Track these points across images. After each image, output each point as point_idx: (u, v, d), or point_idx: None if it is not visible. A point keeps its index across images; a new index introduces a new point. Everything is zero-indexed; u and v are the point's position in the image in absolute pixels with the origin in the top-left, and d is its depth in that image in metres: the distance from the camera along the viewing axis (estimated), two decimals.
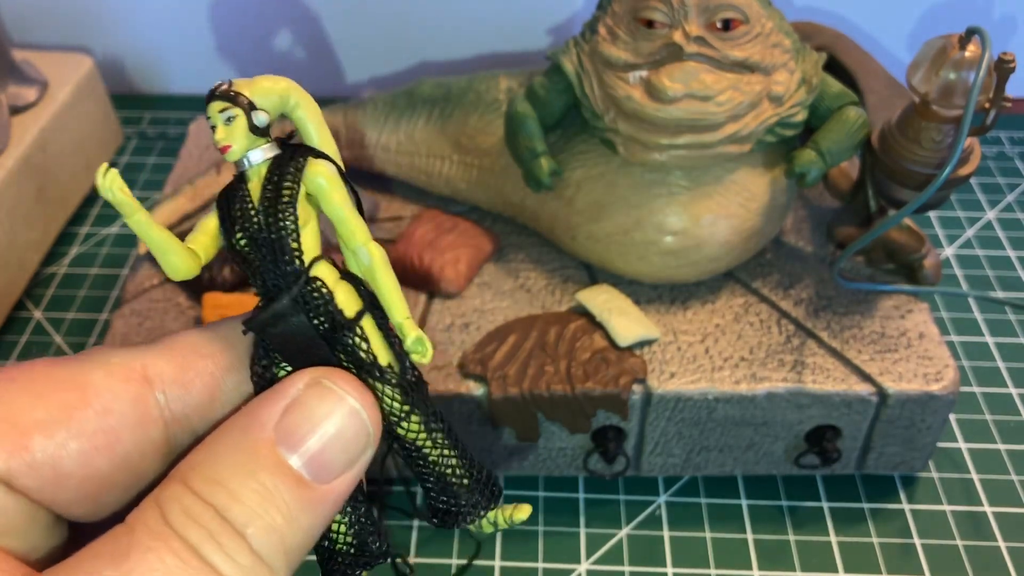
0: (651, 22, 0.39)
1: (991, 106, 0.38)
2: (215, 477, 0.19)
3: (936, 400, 0.40)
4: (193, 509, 0.18)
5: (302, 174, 0.21)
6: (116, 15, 0.67)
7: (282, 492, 0.19)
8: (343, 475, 0.20)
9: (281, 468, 0.19)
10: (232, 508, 0.19)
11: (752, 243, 0.43)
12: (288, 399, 0.20)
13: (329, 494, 0.20)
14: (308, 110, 0.22)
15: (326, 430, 0.20)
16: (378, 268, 0.22)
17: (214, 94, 0.21)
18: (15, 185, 0.52)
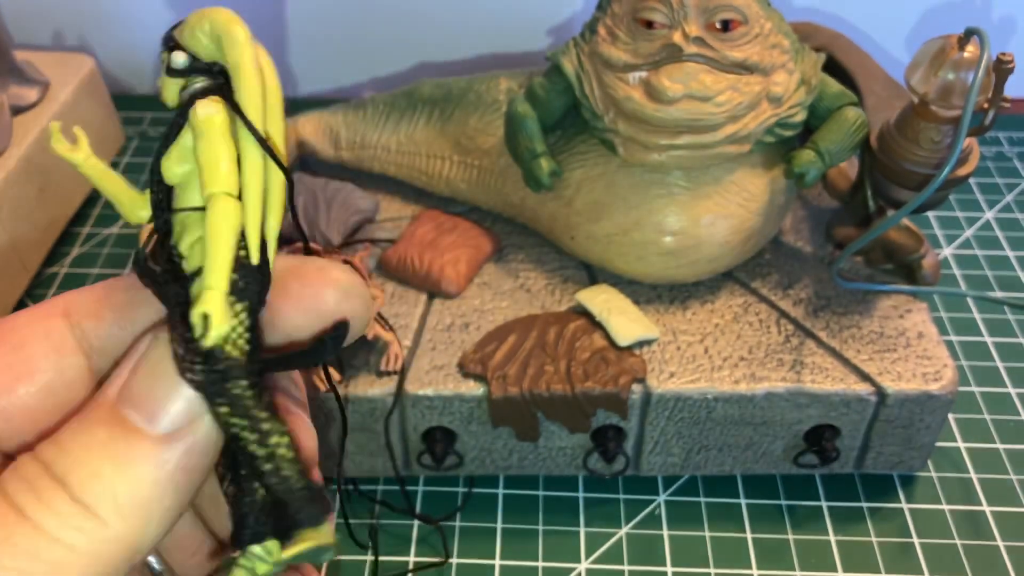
0: (650, 23, 0.39)
1: (990, 106, 0.38)
2: (54, 438, 0.19)
3: (935, 400, 0.40)
4: (22, 468, 0.18)
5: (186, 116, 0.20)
6: (117, 16, 0.67)
7: (115, 443, 0.18)
8: (186, 428, 0.19)
9: (117, 422, 0.18)
10: (57, 459, 0.18)
11: (751, 243, 0.43)
12: (134, 360, 0.19)
13: (172, 448, 0.18)
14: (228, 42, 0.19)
15: (162, 384, 0.19)
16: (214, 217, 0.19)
17: None
18: (16, 185, 0.52)
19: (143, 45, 0.68)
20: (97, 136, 0.60)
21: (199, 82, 0.20)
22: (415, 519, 0.43)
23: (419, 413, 0.41)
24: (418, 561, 0.42)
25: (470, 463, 0.43)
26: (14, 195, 0.52)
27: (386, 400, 0.40)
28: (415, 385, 0.40)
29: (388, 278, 0.46)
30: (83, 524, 0.18)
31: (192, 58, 0.20)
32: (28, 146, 0.53)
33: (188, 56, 0.20)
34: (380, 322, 0.42)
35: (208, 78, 0.20)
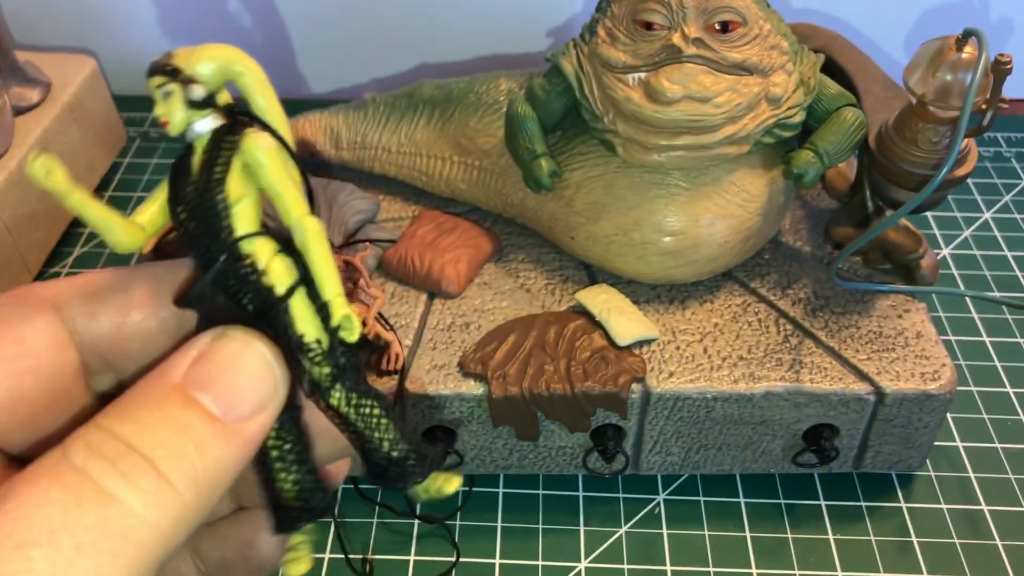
0: (650, 24, 0.39)
1: (988, 107, 0.38)
2: (124, 413, 0.19)
3: (933, 399, 0.40)
4: (96, 442, 0.18)
5: (237, 147, 0.21)
6: (119, 16, 0.67)
7: (194, 423, 0.19)
8: (255, 416, 0.20)
9: (192, 404, 0.19)
10: (140, 436, 0.18)
11: (750, 243, 0.43)
12: (196, 351, 0.20)
13: (242, 431, 0.20)
14: (253, 78, 0.21)
15: (233, 371, 0.20)
16: (310, 243, 0.21)
17: (151, 68, 0.20)
18: (18, 186, 0.52)
19: (144, 45, 0.68)
20: (98, 136, 0.60)
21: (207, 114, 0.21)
22: (416, 519, 0.43)
23: (419, 413, 0.41)
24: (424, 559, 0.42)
25: (470, 462, 0.43)
26: (17, 195, 0.52)
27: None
28: (415, 385, 0.40)
29: (388, 278, 0.46)
30: (165, 500, 0.18)
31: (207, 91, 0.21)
32: (30, 147, 0.53)
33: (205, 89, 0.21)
34: (380, 322, 0.42)
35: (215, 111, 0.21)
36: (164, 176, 0.22)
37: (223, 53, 0.21)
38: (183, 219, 0.21)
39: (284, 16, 0.66)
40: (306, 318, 0.21)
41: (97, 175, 0.60)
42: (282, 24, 0.66)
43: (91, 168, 0.60)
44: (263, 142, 0.21)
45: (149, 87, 0.20)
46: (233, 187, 0.21)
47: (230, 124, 0.21)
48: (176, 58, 0.21)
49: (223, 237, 0.21)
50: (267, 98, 0.22)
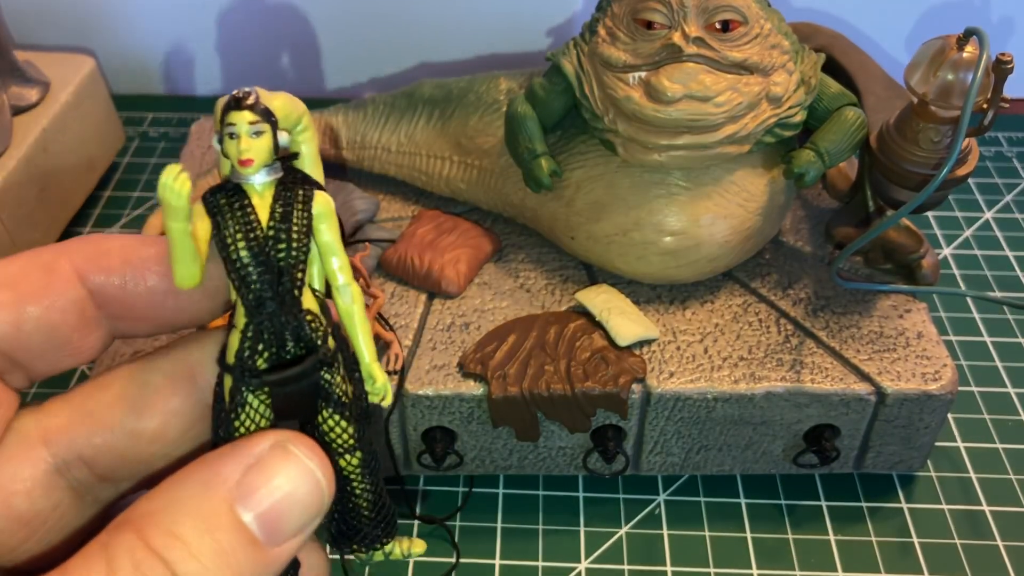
0: (650, 23, 0.39)
1: (989, 107, 0.38)
2: (172, 530, 0.19)
3: (934, 399, 0.40)
4: (144, 563, 0.18)
5: (311, 202, 0.21)
6: (118, 16, 0.67)
7: (237, 552, 0.19)
8: (293, 539, 0.20)
9: (239, 528, 0.19)
10: (186, 563, 0.18)
11: (751, 243, 0.43)
12: (252, 458, 0.20)
13: (279, 557, 0.20)
14: (312, 137, 0.22)
15: (286, 495, 0.20)
16: (358, 309, 0.22)
17: (243, 103, 0.20)
18: (17, 186, 0.52)
19: (144, 45, 0.68)
20: (97, 136, 0.60)
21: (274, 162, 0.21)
22: (416, 519, 0.43)
23: (419, 413, 0.41)
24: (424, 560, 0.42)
25: (470, 463, 0.43)
26: (15, 195, 0.52)
27: None
28: (415, 385, 0.40)
29: (388, 278, 0.46)
30: None
31: None
32: (29, 146, 0.53)
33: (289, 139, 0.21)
34: (380, 322, 0.42)
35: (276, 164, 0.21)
36: None
37: (299, 107, 0.21)
38: (241, 256, 0.21)
39: (283, 16, 0.66)
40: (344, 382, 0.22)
41: (96, 175, 0.60)
42: (281, 24, 0.66)
43: (90, 168, 0.59)
44: (327, 201, 0.21)
45: (236, 120, 0.20)
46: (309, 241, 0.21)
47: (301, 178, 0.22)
48: (265, 100, 0.21)
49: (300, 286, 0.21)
50: (318, 158, 0.22)
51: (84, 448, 0.22)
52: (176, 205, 0.19)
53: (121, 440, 0.22)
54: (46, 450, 0.22)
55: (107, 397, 0.22)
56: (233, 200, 0.21)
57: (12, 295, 0.21)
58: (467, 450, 0.43)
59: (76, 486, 0.22)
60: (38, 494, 0.22)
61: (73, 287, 0.22)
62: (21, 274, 0.22)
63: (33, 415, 0.22)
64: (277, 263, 0.21)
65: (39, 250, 0.22)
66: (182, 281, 0.21)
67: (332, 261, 0.22)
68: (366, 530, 0.24)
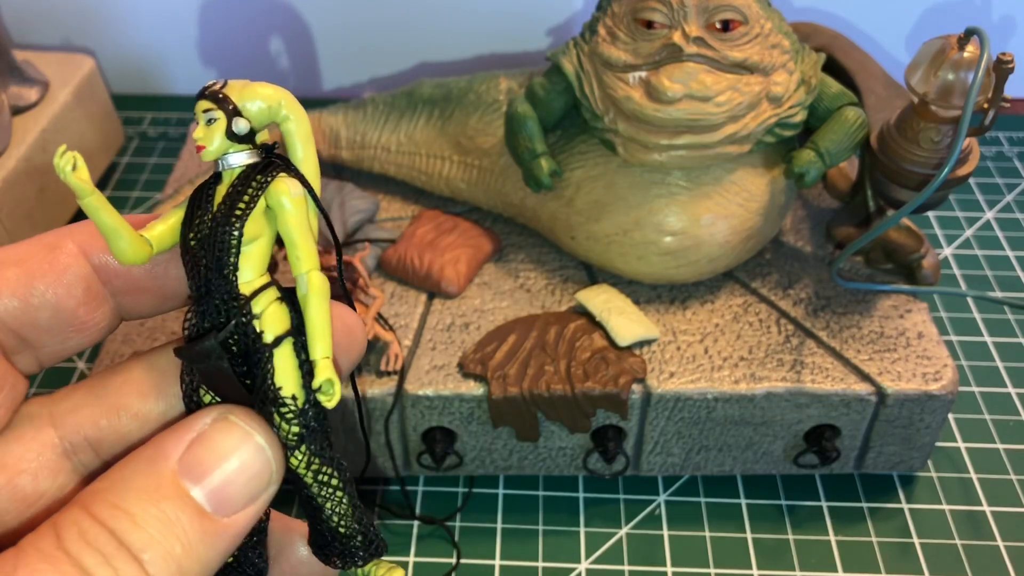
0: (650, 23, 0.39)
1: (990, 106, 0.38)
2: (117, 502, 0.19)
3: (935, 400, 0.40)
4: (90, 532, 0.18)
5: (265, 188, 0.21)
6: (117, 16, 0.67)
7: (183, 522, 0.19)
8: (244, 509, 0.20)
9: (184, 499, 0.19)
10: (131, 532, 0.19)
11: (751, 243, 0.43)
12: (194, 433, 0.20)
13: (230, 527, 0.20)
14: (297, 124, 0.22)
15: (230, 465, 0.20)
16: (312, 299, 0.21)
17: (204, 92, 0.21)
18: (16, 185, 0.52)
19: (143, 45, 0.68)
20: (97, 136, 0.60)
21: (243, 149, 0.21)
22: (416, 520, 0.43)
23: (419, 413, 0.41)
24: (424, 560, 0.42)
25: (470, 463, 0.43)
26: (14, 195, 0.52)
27: (386, 400, 0.40)
28: (415, 385, 0.40)
29: (388, 278, 0.46)
30: None
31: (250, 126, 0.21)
32: (28, 146, 0.53)
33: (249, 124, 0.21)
34: (380, 322, 0.42)
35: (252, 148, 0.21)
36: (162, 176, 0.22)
37: (276, 95, 0.21)
38: (192, 245, 0.21)
39: (283, 16, 0.66)
40: (287, 371, 0.21)
41: (95, 175, 0.60)
42: (281, 24, 0.66)
43: (89, 167, 0.59)
44: (292, 188, 0.21)
45: (196, 109, 0.21)
46: (251, 226, 0.21)
47: (264, 164, 0.21)
48: (229, 88, 0.21)
49: (226, 273, 0.21)
50: (306, 148, 0.22)
51: (91, 430, 0.22)
52: (73, 184, 0.20)
53: (127, 423, 0.23)
54: (54, 431, 0.22)
55: (116, 382, 0.23)
56: (204, 188, 0.21)
57: (19, 271, 0.22)
58: (467, 450, 0.43)
59: (80, 469, 0.23)
60: (44, 475, 0.22)
61: (78, 263, 0.22)
62: (28, 253, 0.22)
63: (43, 399, 0.23)
64: (215, 248, 0.21)
65: (44, 234, 0.23)
66: (119, 256, 0.21)
67: (290, 251, 0.21)
68: (339, 545, 0.23)
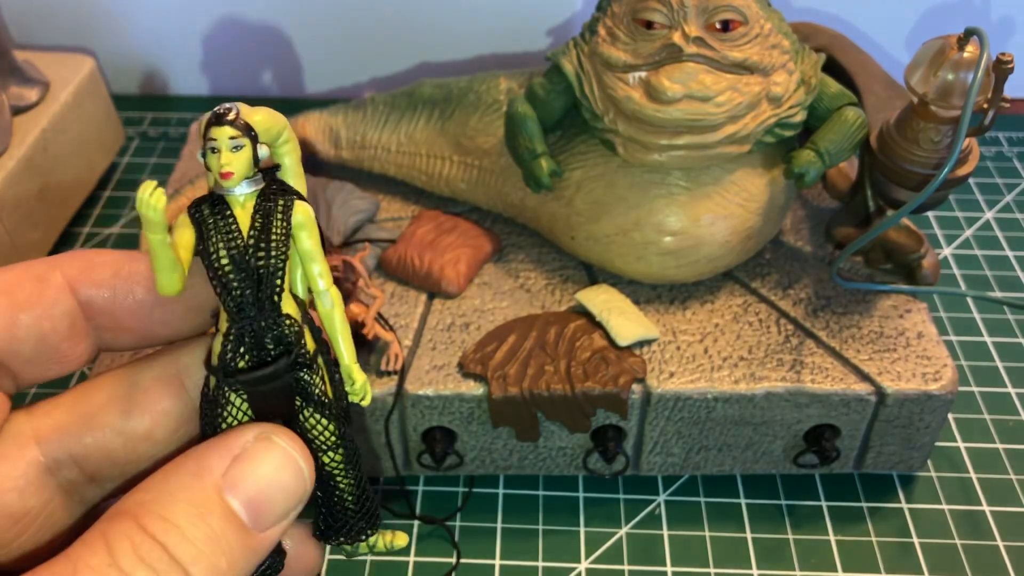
0: (650, 23, 0.39)
1: (989, 106, 0.38)
2: (167, 516, 0.20)
3: (934, 399, 0.40)
4: (143, 547, 0.19)
5: (290, 211, 0.22)
6: (118, 16, 0.67)
7: (228, 537, 0.20)
8: (279, 524, 0.21)
9: (228, 514, 0.20)
10: (181, 547, 0.19)
11: (751, 243, 0.43)
12: (238, 449, 0.21)
13: (265, 541, 0.21)
14: (293, 149, 0.23)
15: (271, 482, 0.21)
16: (339, 313, 0.23)
17: (223, 119, 0.21)
18: (17, 185, 0.52)
19: (144, 45, 0.68)
20: (97, 136, 0.60)
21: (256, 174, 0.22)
22: (415, 519, 0.43)
23: (419, 413, 0.41)
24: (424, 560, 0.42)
25: (470, 463, 0.43)
26: (14, 195, 0.52)
27: (386, 400, 0.40)
28: (415, 385, 0.40)
29: (388, 278, 0.46)
30: None
31: None
32: (28, 146, 0.53)
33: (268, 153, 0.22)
34: (380, 322, 0.42)
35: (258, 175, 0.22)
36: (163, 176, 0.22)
37: (279, 122, 0.22)
38: (223, 265, 0.22)
39: (283, 16, 0.66)
40: (327, 380, 0.23)
41: (95, 175, 0.60)
42: (281, 24, 0.66)
43: (89, 168, 0.59)
44: (307, 210, 0.22)
45: (217, 135, 0.21)
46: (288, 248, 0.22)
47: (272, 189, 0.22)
48: (245, 115, 0.21)
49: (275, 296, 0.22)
50: (299, 169, 0.23)
51: (75, 447, 0.23)
52: (153, 219, 0.21)
53: (111, 440, 0.23)
54: (38, 449, 0.23)
55: (99, 398, 0.23)
56: (216, 211, 0.22)
57: (6, 302, 0.22)
58: (467, 450, 0.43)
59: (66, 485, 0.23)
60: (30, 492, 0.22)
61: (65, 298, 0.23)
62: (16, 283, 0.22)
63: (26, 415, 0.23)
64: (257, 270, 0.22)
65: (33, 262, 0.23)
66: (163, 288, 0.22)
67: (312, 268, 0.23)
68: (351, 523, 0.25)
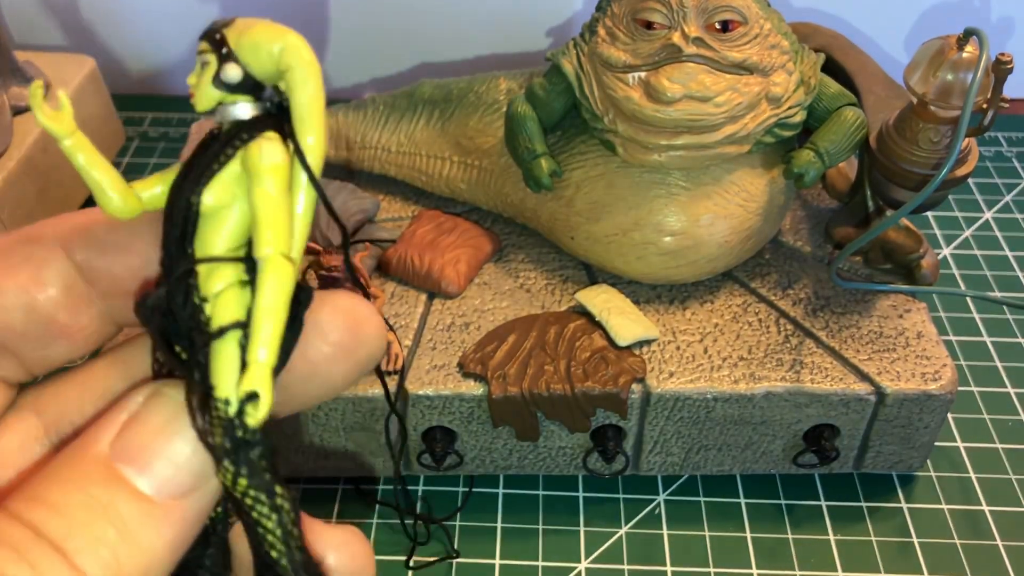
0: (650, 23, 0.39)
1: (989, 107, 0.38)
2: (37, 495, 0.17)
3: (934, 399, 0.40)
4: (3, 528, 0.16)
5: (240, 148, 0.18)
6: (118, 16, 0.67)
7: (117, 504, 0.17)
8: (193, 492, 0.18)
9: (116, 481, 0.17)
10: (50, 522, 0.16)
11: (751, 243, 0.43)
12: (127, 413, 0.18)
13: (176, 510, 0.17)
14: (305, 74, 0.18)
15: (168, 442, 0.17)
16: (263, 284, 0.17)
17: (205, 30, 0.18)
18: (17, 186, 0.52)
19: (144, 45, 0.68)
20: (97, 136, 0.60)
21: (242, 100, 0.18)
22: (415, 519, 0.43)
23: (419, 413, 0.41)
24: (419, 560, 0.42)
25: (470, 463, 0.43)
26: (14, 195, 0.52)
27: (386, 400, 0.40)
28: (415, 385, 0.40)
29: (388, 278, 0.46)
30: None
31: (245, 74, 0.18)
32: (28, 146, 0.53)
33: (243, 71, 0.18)
34: None
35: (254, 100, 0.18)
36: None
37: (277, 35, 0.18)
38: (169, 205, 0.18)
39: (282, 15, 0.66)
40: (227, 369, 0.17)
41: None
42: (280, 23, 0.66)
43: None
44: (271, 154, 0.18)
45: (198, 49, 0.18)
46: (217, 191, 0.18)
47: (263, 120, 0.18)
48: (232, 28, 0.18)
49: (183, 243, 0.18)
50: (310, 105, 0.18)
51: (77, 417, 0.20)
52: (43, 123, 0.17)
53: None
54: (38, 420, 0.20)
55: (100, 364, 0.21)
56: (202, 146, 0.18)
57: None
58: (467, 450, 0.43)
59: None
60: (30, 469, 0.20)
61: (56, 258, 0.20)
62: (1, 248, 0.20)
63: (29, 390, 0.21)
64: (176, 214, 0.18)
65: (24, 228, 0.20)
66: (104, 206, 0.18)
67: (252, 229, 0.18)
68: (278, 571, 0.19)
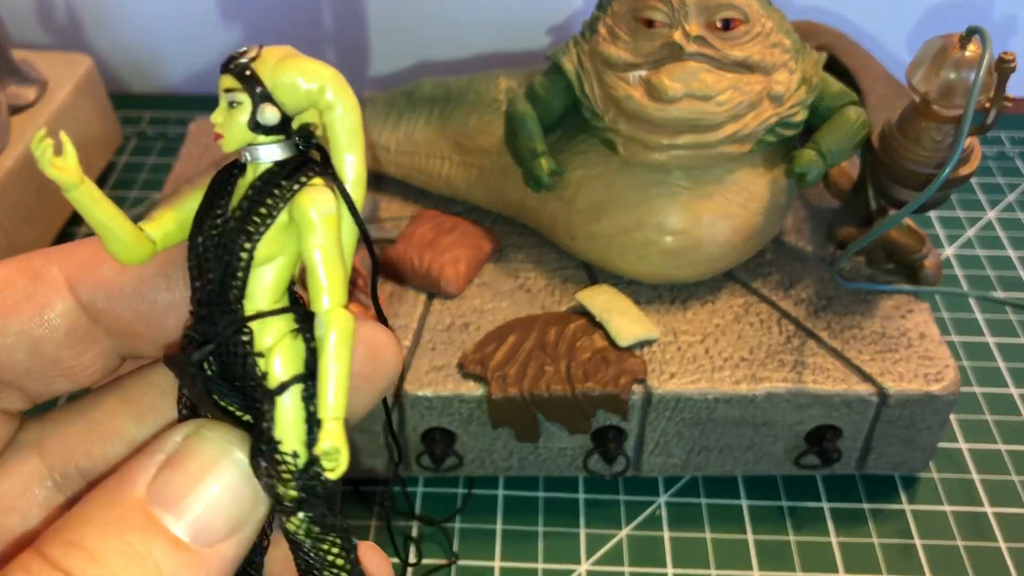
0: (651, 22, 0.39)
1: (991, 106, 0.38)
2: (74, 540, 0.16)
3: (936, 400, 0.40)
4: None
5: (290, 197, 0.17)
6: (116, 15, 0.67)
7: (155, 554, 0.16)
8: (230, 538, 0.18)
9: (154, 528, 0.17)
10: (88, 571, 0.16)
11: (752, 243, 0.43)
12: (164, 454, 0.18)
13: (213, 558, 0.17)
14: (344, 116, 0.18)
15: (207, 486, 0.17)
16: (328, 343, 0.17)
17: (229, 63, 0.17)
18: (15, 185, 0.52)
19: (142, 44, 0.68)
20: (95, 136, 0.60)
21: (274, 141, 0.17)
22: (415, 520, 0.43)
23: (418, 414, 0.41)
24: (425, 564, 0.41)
25: (470, 464, 0.43)
26: (12, 195, 0.52)
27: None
28: (414, 385, 0.40)
29: (388, 278, 0.45)
30: None
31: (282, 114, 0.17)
32: (26, 146, 0.53)
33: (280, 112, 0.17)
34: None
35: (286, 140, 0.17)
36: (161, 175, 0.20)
37: (320, 73, 0.17)
38: (200, 251, 0.18)
39: (282, 15, 0.66)
40: (292, 423, 0.17)
41: (93, 175, 0.60)
42: (280, 23, 0.66)
43: (87, 167, 0.59)
44: (322, 204, 0.17)
45: (219, 85, 0.17)
46: (267, 244, 0.17)
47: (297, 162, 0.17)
48: (261, 62, 0.17)
49: (230, 295, 0.17)
50: (352, 148, 0.18)
51: (82, 460, 0.20)
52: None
53: (121, 451, 0.20)
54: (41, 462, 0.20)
55: (108, 402, 0.21)
56: (225, 178, 0.18)
57: None
58: (467, 451, 0.43)
59: None
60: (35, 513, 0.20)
61: (61, 297, 0.19)
62: (5, 282, 0.19)
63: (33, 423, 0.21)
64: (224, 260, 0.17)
65: (31, 254, 0.20)
66: (114, 255, 0.18)
67: (308, 281, 0.17)
68: None
